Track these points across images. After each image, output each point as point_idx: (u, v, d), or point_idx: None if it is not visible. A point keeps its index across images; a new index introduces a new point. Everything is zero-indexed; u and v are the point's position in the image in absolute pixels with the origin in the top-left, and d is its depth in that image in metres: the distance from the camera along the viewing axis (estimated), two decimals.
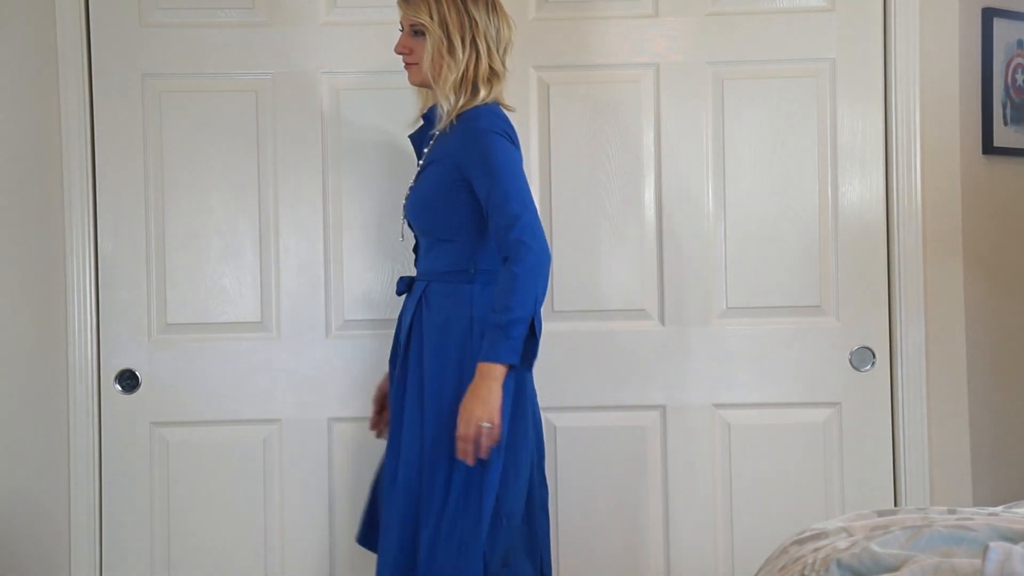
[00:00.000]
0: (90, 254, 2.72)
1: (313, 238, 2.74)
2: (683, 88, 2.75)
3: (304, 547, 2.76)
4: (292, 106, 2.74)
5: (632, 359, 2.73)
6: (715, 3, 2.76)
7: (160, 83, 2.73)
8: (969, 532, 1.54)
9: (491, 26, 2.28)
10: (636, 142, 2.76)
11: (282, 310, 2.75)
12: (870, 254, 2.76)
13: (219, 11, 2.73)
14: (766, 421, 2.77)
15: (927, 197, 2.75)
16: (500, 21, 2.30)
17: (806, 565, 1.56)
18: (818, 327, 2.77)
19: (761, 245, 2.76)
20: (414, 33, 2.29)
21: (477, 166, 2.23)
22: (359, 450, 2.73)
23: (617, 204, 2.73)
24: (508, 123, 2.29)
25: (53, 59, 2.70)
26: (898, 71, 2.74)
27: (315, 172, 2.75)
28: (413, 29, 2.29)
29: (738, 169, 2.76)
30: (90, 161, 2.72)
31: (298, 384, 2.75)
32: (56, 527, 2.74)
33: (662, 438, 2.77)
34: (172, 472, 2.75)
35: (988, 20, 2.84)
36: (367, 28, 2.74)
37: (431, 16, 2.25)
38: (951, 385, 2.79)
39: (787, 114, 2.76)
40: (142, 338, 2.74)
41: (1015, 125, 2.91)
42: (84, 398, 2.72)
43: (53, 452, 2.73)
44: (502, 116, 2.29)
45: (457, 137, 2.26)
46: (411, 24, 2.29)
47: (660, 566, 2.76)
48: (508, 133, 2.28)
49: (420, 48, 2.28)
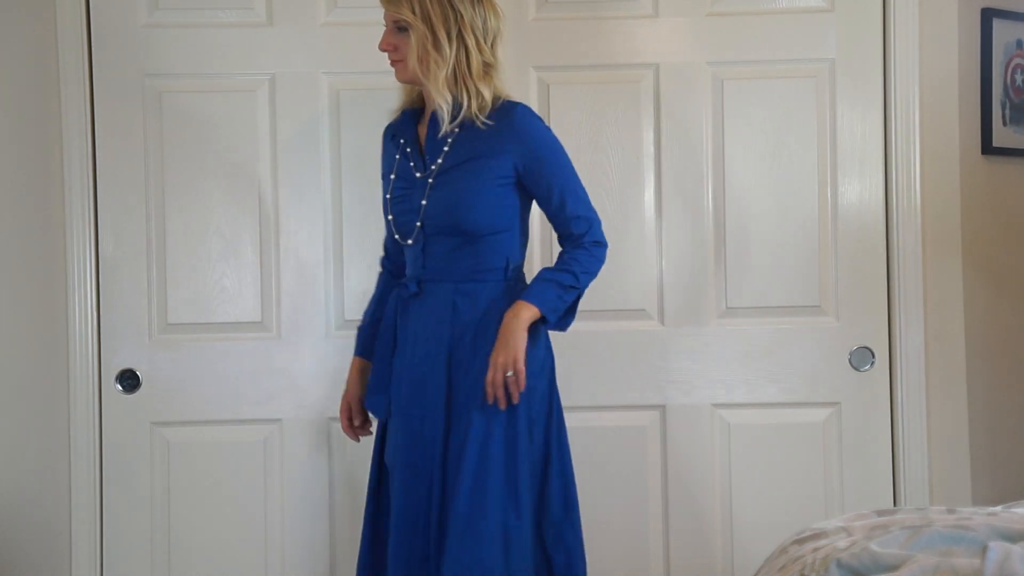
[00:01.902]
0: (90, 254, 2.72)
1: (313, 238, 2.75)
2: (683, 88, 2.76)
3: (304, 547, 2.76)
4: (292, 106, 2.74)
5: (632, 359, 2.74)
6: (715, 3, 2.76)
7: (160, 83, 2.73)
8: (969, 532, 1.54)
9: (477, 18, 2.23)
10: (636, 142, 2.76)
11: (282, 310, 2.75)
12: (870, 254, 2.76)
13: (219, 11, 2.74)
14: (766, 421, 2.77)
15: (926, 197, 2.75)
16: (487, 11, 2.25)
17: (806, 565, 1.56)
18: (818, 327, 2.77)
19: (761, 245, 2.76)
20: (398, 29, 2.24)
21: (542, 161, 2.27)
22: (359, 450, 2.73)
23: (617, 204, 2.73)
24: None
25: (53, 59, 2.70)
26: (898, 71, 2.74)
27: (315, 172, 2.75)
28: (396, 25, 2.24)
29: (738, 169, 2.76)
30: (90, 161, 2.72)
31: (298, 384, 2.75)
32: (56, 527, 2.74)
33: (662, 438, 2.77)
34: (172, 472, 2.75)
35: (988, 20, 2.84)
36: (367, 28, 2.73)
37: (413, 11, 2.20)
38: (950, 385, 2.79)
39: (787, 114, 2.76)
40: (142, 338, 2.74)
41: (1014, 125, 2.91)
42: (84, 398, 2.72)
43: (53, 452, 2.73)
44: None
45: (502, 132, 2.24)
46: (394, 20, 2.24)
47: (660, 566, 2.76)
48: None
49: (404, 45, 2.24)
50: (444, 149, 2.27)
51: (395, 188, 2.33)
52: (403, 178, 2.33)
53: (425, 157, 2.30)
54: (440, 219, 2.26)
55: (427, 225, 2.27)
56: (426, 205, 2.27)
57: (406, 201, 2.31)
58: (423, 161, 2.31)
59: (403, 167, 2.33)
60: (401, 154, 2.34)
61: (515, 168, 2.26)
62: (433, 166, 2.28)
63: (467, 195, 2.24)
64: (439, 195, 2.26)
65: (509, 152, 2.25)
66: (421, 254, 2.30)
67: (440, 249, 2.28)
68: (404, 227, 2.32)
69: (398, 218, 2.32)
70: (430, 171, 2.28)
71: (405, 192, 2.32)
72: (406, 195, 2.31)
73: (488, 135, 2.25)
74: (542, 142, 2.29)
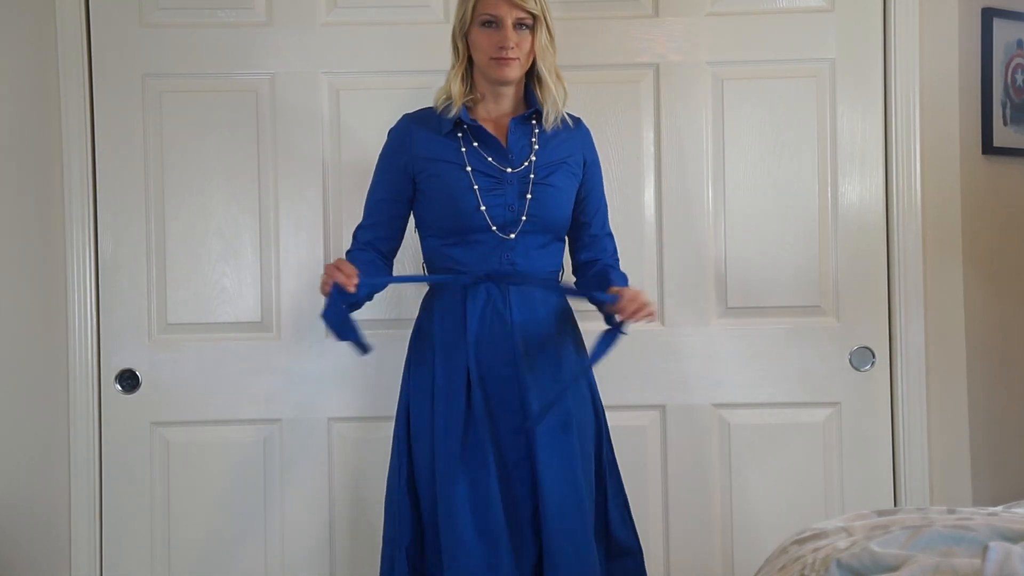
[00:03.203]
0: (90, 254, 2.72)
1: (313, 238, 2.74)
2: (683, 88, 2.76)
3: (304, 547, 2.76)
4: (292, 106, 2.74)
5: (632, 359, 2.73)
6: (715, 3, 2.76)
7: (160, 83, 2.73)
8: (969, 532, 1.54)
9: (550, 14, 2.31)
10: (636, 142, 2.76)
11: (282, 310, 2.75)
12: (870, 254, 2.76)
13: (219, 11, 2.74)
14: (766, 421, 2.77)
15: (927, 197, 2.76)
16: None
17: (806, 565, 1.56)
18: (818, 327, 2.77)
19: (761, 245, 2.76)
20: (519, 27, 2.26)
21: (596, 175, 2.43)
22: (359, 450, 2.73)
23: (617, 204, 2.72)
24: None
25: (53, 59, 2.71)
26: (898, 71, 2.74)
27: (315, 172, 2.75)
28: (520, 22, 2.26)
29: (738, 169, 2.76)
30: (90, 161, 2.72)
31: (298, 384, 2.75)
32: (56, 527, 2.74)
33: (662, 438, 2.77)
34: (172, 472, 2.75)
35: (988, 20, 2.84)
36: (367, 28, 2.74)
37: (538, 6, 2.26)
38: (951, 385, 2.79)
39: (787, 114, 2.76)
40: (142, 338, 2.74)
41: (1015, 125, 2.91)
42: (84, 398, 2.72)
43: (53, 452, 2.73)
44: None
45: (576, 136, 2.38)
46: (519, 18, 2.25)
47: (660, 566, 2.76)
48: None
49: (525, 42, 2.27)
50: (534, 147, 2.32)
51: (478, 179, 2.28)
52: (483, 172, 2.29)
53: (510, 154, 2.29)
54: (543, 214, 2.29)
55: (529, 220, 2.28)
56: (531, 199, 2.27)
57: (498, 195, 2.28)
58: (507, 157, 2.29)
59: (477, 160, 2.29)
60: (467, 147, 2.30)
61: (584, 173, 2.38)
62: (526, 163, 2.30)
63: (565, 195, 2.34)
64: (543, 192, 2.29)
65: (582, 158, 2.38)
66: (510, 251, 2.28)
67: (530, 245, 2.30)
68: (497, 220, 2.28)
69: (491, 211, 2.27)
70: (525, 167, 2.29)
71: (493, 186, 2.28)
72: (495, 189, 2.28)
73: (566, 138, 2.35)
74: (597, 155, 2.44)
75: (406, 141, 2.34)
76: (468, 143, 2.30)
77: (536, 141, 2.31)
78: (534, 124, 2.33)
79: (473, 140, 2.30)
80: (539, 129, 2.33)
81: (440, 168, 2.30)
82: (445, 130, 2.30)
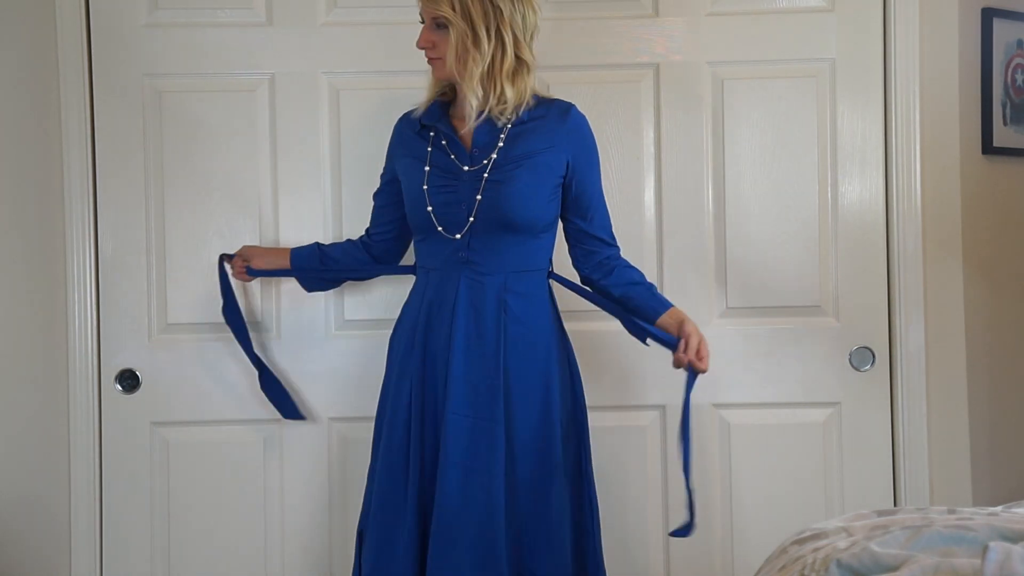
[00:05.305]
0: (90, 254, 2.72)
1: (313, 238, 2.74)
2: (683, 88, 2.76)
3: (304, 547, 2.76)
4: (292, 106, 2.74)
5: (632, 359, 2.73)
6: (715, 3, 2.76)
7: (160, 83, 2.73)
8: (969, 532, 1.54)
9: (516, 14, 2.21)
10: (636, 142, 2.76)
11: (282, 310, 2.75)
12: (870, 254, 2.76)
13: (219, 11, 2.74)
14: (766, 421, 2.78)
15: (927, 197, 2.76)
16: (526, 8, 2.23)
17: (806, 565, 1.56)
18: (818, 327, 2.77)
19: (761, 245, 2.76)
20: (436, 26, 2.23)
21: (592, 163, 2.35)
22: (359, 450, 2.73)
23: (617, 204, 2.72)
24: None
25: (53, 59, 2.70)
26: (898, 71, 2.74)
27: (315, 172, 2.75)
28: (435, 22, 2.22)
29: (738, 169, 2.76)
30: (90, 161, 2.72)
31: (298, 384, 2.75)
32: (56, 527, 2.74)
33: (662, 438, 2.77)
34: (172, 472, 2.75)
35: (988, 20, 2.84)
36: (367, 28, 2.74)
37: (453, 8, 2.18)
38: (951, 385, 2.79)
39: (787, 114, 2.76)
40: (142, 338, 2.74)
41: (1015, 125, 2.91)
42: (84, 398, 2.72)
43: (53, 452, 2.73)
44: None
45: (557, 129, 2.28)
46: (433, 17, 2.22)
47: (660, 566, 2.76)
48: None
49: (444, 42, 2.22)
50: (499, 144, 2.26)
51: (432, 179, 2.29)
52: (443, 170, 2.29)
53: (472, 151, 2.28)
54: (494, 214, 2.25)
55: (479, 219, 2.25)
56: (481, 200, 2.25)
57: (450, 193, 2.28)
58: (467, 155, 2.28)
59: (440, 159, 2.30)
60: (434, 146, 2.31)
61: (568, 165, 2.30)
62: (485, 160, 2.26)
63: (526, 189, 2.24)
64: (495, 190, 2.24)
65: (565, 149, 2.29)
66: (465, 248, 2.28)
67: (486, 244, 2.27)
68: (446, 219, 2.28)
69: (438, 209, 2.28)
70: (482, 165, 2.26)
71: (447, 184, 2.28)
72: (448, 187, 2.28)
73: (543, 131, 2.28)
74: (592, 148, 2.35)
75: (394, 139, 2.43)
76: (437, 142, 2.31)
77: (504, 136, 2.27)
78: (504, 119, 2.28)
79: (442, 139, 2.31)
80: (511, 124, 2.27)
81: (406, 165, 2.36)
82: (415, 129, 2.35)
